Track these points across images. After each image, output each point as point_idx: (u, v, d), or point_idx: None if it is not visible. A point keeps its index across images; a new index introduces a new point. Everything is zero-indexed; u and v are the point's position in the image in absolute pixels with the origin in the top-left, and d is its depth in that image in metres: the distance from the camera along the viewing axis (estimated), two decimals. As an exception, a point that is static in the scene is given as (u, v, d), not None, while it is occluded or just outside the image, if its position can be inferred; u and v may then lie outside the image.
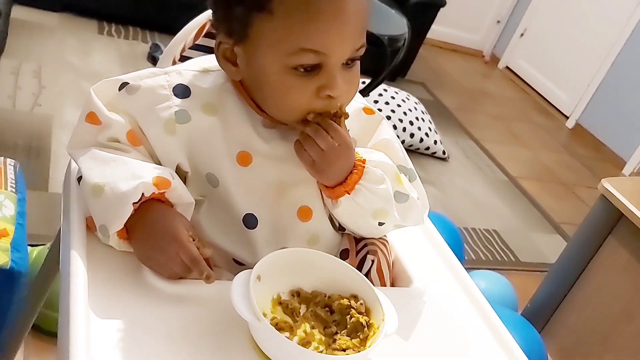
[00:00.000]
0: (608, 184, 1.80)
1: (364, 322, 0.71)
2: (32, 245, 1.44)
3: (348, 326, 0.71)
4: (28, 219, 1.29)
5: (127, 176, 0.72)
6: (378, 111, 0.88)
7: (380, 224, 0.83)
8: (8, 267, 1.13)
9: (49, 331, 1.49)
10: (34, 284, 1.14)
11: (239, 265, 0.84)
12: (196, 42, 0.92)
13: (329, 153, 0.75)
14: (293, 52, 0.72)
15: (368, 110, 0.87)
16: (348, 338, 0.70)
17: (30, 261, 1.32)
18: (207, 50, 0.91)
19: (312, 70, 0.73)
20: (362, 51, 0.77)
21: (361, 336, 0.70)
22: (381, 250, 0.86)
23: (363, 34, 0.76)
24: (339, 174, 0.78)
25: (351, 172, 0.78)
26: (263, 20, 0.72)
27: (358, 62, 0.78)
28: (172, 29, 0.98)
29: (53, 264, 1.08)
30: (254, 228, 0.82)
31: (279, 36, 0.72)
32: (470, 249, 2.52)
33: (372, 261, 0.85)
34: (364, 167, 0.78)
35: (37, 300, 1.15)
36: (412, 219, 0.85)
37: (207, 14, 0.94)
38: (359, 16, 0.74)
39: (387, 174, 0.80)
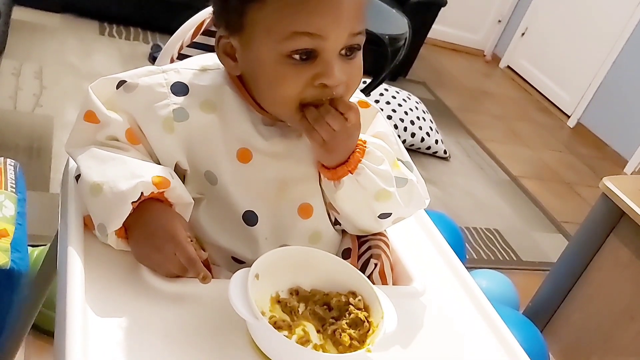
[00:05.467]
0: (609, 183, 1.79)
1: (363, 317, 0.71)
2: (32, 246, 1.44)
3: (347, 322, 0.71)
4: (29, 220, 1.29)
5: (127, 175, 0.71)
6: (374, 104, 0.87)
7: (381, 216, 0.82)
8: (8, 268, 1.13)
9: (49, 331, 1.49)
10: (34, 284, 1.14)
11: (238, 263, 0.83)
12: (194, 40, 0.92)
13: (342, 134, 0.74)
14: (286, 37, 0.70)
15: (363, 104, 0.86)
16: (347, 326, 0.70)
17: (31, 262, 1.32)
18: (205, 48, 0.91)
19: (308, 58, 0.72)
20: (360, 39, 0.75)
21: (360, 331, 0.70)
22: (384, 252, 0.85)
23: (360, 20, 0.73)
24: (344, 154, 0.77)
25: (353, 152, 0.78)
26: (256, 9, 0.71)
27: (359, 55, 0.76)
28: (173, 30, 0.98)
29: (52, 264, 1.07)
30: (254, 225, 0.82)
31: (272, 23, 0.71)
32: (472, 248, 2.51)
33: (375, 264, 0.84)
34: (365, 147, 0.78)
35: (37, 300, 1.15)
36: (414, 204, 0.84)
37: (205, 12, 0.94)
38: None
39: (386, 158, 0.80)
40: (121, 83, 0.78)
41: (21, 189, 1.33)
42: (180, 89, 0.78)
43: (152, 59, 2.96)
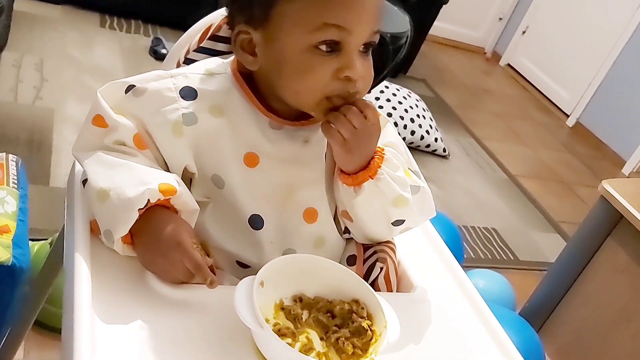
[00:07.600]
0: (608, 185, 1.80)
1: (366, 326, 0.71)
2: (32, 240, 1.45)
3: (350, 330, 0.72)
4: (29, 214, 1.29)
5: (134, 182, 0.72)
6: (384, 114, 0.88)
7: (395, 223, 0.83)
8: (10, 264, 1.13)
9: (49, 326, 1.50)
10: (36, 280, 1.15)
11: (243, 267, 0.84)
12: (200, 45, 0.92)
13: (362, 131, 0.76)
14: (316, 28, 0.73)
15: None
16: (350, 335, 0.70)
17: (32, 256, 1.33)
18: (212, 53, 0.91)
19: (332, 51, 0.74)
20: (377, 37, 0.78)
21: (363, 339, 0.70)
22: (390, 256, 0.87)
23: (380, 19, 0.77)
24: (364, 157, 0.79)
25: (372, 158, 0.79)
26: (285, 2, 0.73)
27: (371, 55, 0.79)
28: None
29: (55, 261, 1.08)
30: (260, 229, 0.82)
31: (302, 14, 0.73)
32: (470, 247, 2.52)
33: (381, 268, 0.85)
34: (383, 153, 0.80)
35: (39, 296, 1.15)
36: (425, 211, 0.86)
37: (212, 17, 0.94)
38: None
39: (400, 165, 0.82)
40: (130, 87, 0.78)
41: (23, 184, 1.33)
42: (188, 93, 0.79)
43: (153, 52, 2.96)
